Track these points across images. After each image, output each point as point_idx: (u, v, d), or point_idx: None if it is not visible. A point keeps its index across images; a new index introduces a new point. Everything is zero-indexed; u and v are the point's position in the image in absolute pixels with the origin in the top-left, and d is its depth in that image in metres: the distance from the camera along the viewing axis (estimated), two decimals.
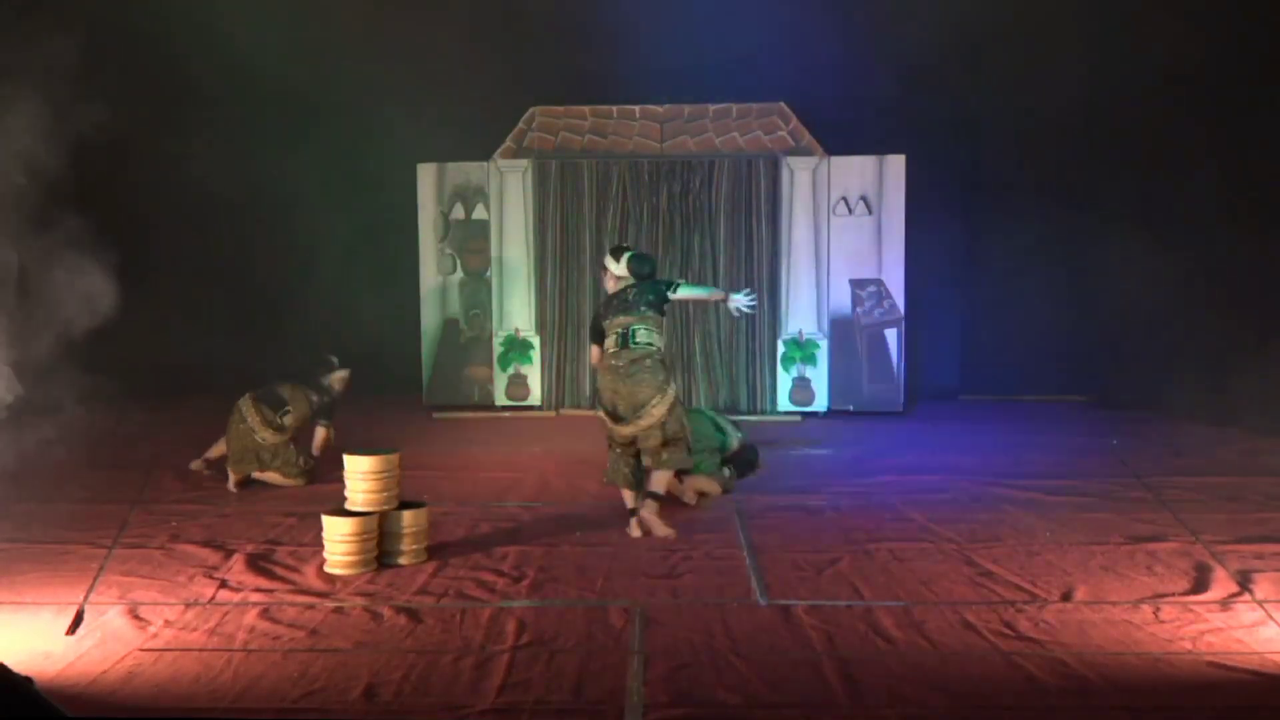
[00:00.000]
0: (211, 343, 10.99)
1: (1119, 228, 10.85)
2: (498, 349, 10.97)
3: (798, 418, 10.56)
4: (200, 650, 5.01)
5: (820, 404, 10.69)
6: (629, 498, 6.89)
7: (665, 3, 10.62)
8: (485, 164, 10.94)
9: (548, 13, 10.93)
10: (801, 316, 10.68)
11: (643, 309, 6.84)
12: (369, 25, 10.94)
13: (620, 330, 6.83)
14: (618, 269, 7.00)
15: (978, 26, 10.50)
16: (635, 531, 6.69)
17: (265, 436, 7.93)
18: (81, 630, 5.25)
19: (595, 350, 7.03)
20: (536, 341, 10.97)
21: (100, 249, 6.27)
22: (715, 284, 10.74)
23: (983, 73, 10.93)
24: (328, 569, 6.06)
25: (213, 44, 10.20)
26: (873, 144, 10.71)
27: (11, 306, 5.65)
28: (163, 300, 10.54)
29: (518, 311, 10.95)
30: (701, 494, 7.56)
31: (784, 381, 10.68)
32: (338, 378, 8.45)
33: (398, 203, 11.09)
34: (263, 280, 11.42)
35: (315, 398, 8.26)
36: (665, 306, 6.93)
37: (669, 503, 7.01)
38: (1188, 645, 4.98)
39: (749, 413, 10.72)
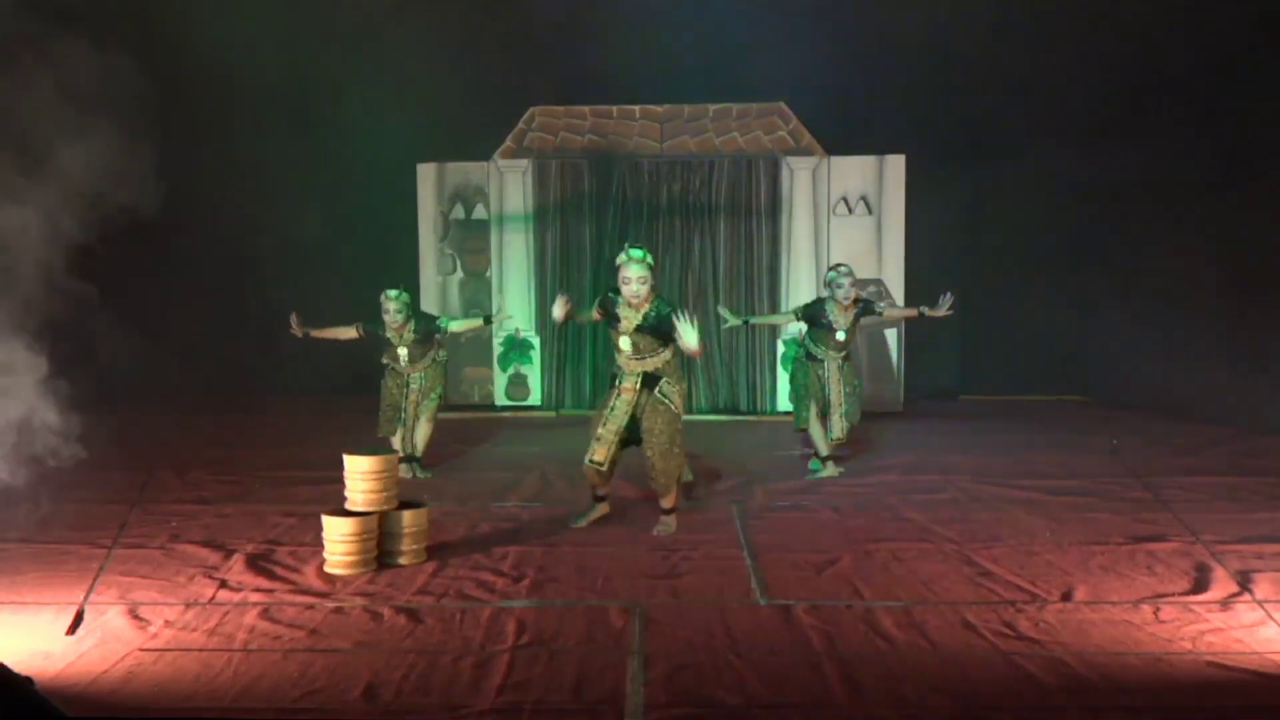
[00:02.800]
0: (209, 342, 11.00)
1: (1119, 227, 10.87)
2: (498, 349, 10.97)
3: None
4: (200, 650, 5.01)
5: None
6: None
7: (665, 3, 10.63)
8: (485, 164, 10.95)
9: (548, 13, 10.93)
10: None
11: None
12: (369, 25, 10.95)
13: None
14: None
15: (978, 26, 10.51)
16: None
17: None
18: (81, 630, 5.24)
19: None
20: (536, 341, 10.97)
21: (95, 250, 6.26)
22: (716, 285, 10.76)
23: (983, 73, 10.93)
24: (328, 569, 6.06)
25: (212, 43, 10.19)
26: (873, 144, 10.72)
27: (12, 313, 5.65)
28: (161, 301, 10.55)
29: (518, 311, 10.96)
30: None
31: (784, 381, 10.67)
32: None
33: (398, 203, 11.09)
34: (261, 280, 11.42)
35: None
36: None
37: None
38: (1188, 645, 4.98)
39: (749, 413, 10.74)
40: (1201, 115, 9.96)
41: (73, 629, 5.25)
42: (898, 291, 10.61)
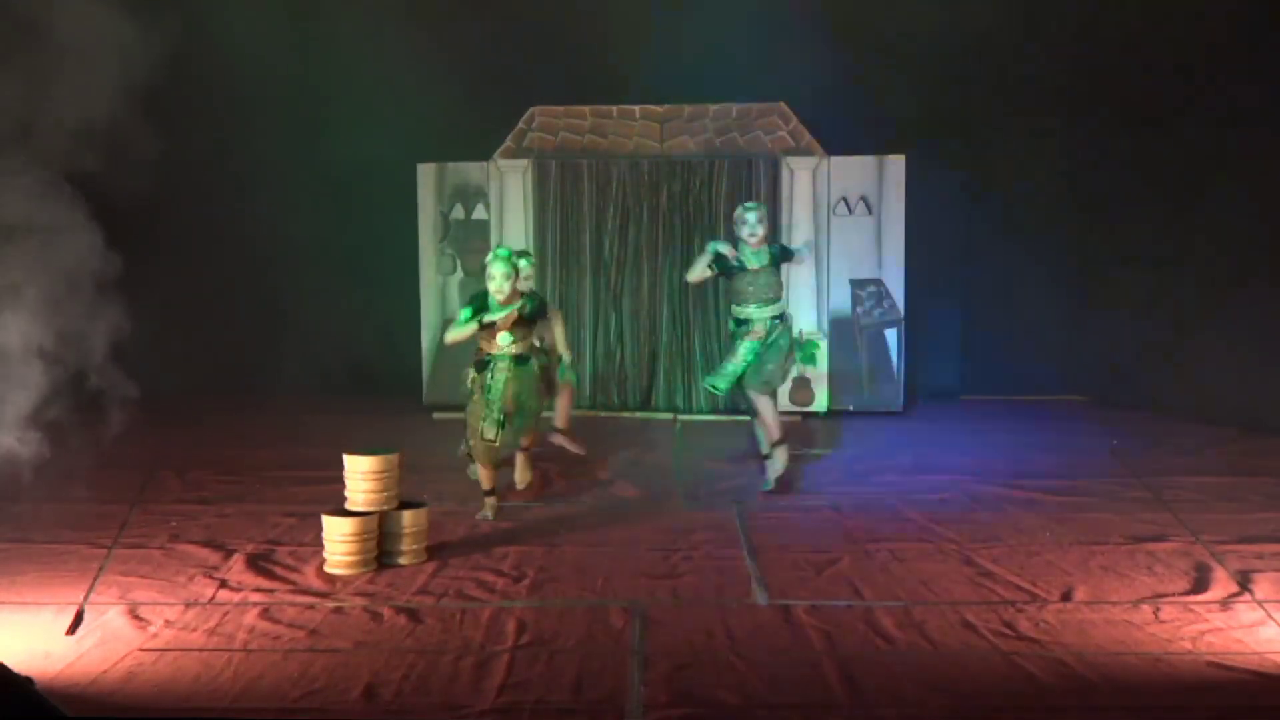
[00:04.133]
0: (210, 342, 10.99)
1: (1119, 227, 10.86)
2: None
3: (797, 418, 10.55)
4: (200, 650, 5.01)
5: (820, 404, 10.69)
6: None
7: (665, 3, 10.62)
8: (485, 164, 10.94)
9: (548, 13, 10.92)
10: (801, 316, 10.67)
11: None
12: (369, 25, 10.94)
13: None
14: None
15: (978, 26, 10.51)
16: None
17: None
18: (81, 630, 5.25)
19: None
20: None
21: (95, 248, 6.26)
22: (716, 285, 10.75)
23: (983, 73, 10.92)
24: (328, 569, 6.07)
25: (211, 42, 10.18)
26: (873, 144, 10.71)
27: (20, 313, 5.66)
28: (161, 300, 10.53)
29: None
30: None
31: (785, 384, 10.65)
32: None
33: (398, 203, 11.08)
34: (261, 280, 11.41)
35: None
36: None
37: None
38: (1188, 645, 4.99)
39: (749, 413, 10.70)
40: (1204, 116, 9.94)
41: (73, 629, 5.25)
42: (898, 292, 10.61)
